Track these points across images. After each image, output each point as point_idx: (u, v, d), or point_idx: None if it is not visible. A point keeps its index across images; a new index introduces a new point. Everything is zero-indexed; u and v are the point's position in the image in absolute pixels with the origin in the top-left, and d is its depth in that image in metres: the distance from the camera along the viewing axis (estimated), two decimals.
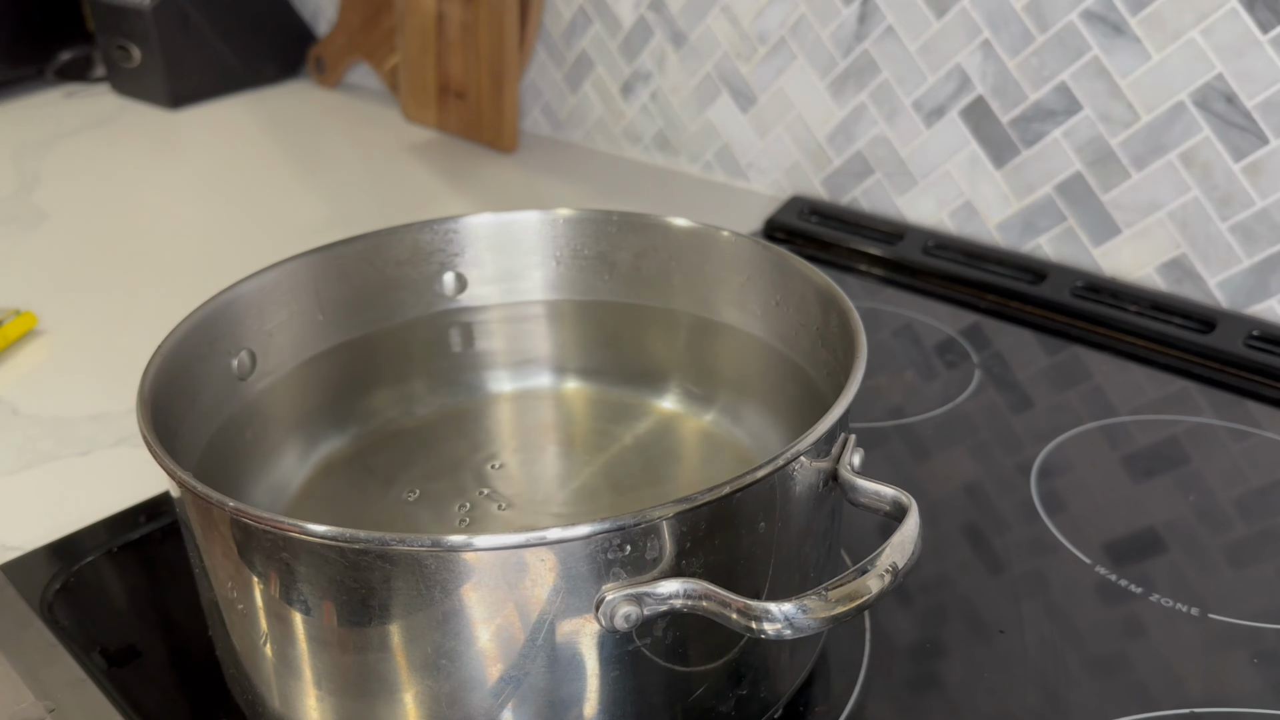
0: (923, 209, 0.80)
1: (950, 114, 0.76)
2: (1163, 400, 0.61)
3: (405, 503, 0.47)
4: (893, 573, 0.33)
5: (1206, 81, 0.64)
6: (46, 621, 0.46)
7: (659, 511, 0.32)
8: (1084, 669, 0.43)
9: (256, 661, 0.37)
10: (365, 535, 0.31)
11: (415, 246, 0.53)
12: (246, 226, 0.86)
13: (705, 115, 0.91)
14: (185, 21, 1.11)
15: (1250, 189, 0.65)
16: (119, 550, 0.50)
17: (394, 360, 0.53)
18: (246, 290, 0.47)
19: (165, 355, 0.41)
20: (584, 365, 0.55)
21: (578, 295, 0.55)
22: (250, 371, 0.48)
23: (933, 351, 0.67)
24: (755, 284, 0.50)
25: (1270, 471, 0.55)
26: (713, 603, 0.32)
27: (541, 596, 0.32)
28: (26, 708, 0.41)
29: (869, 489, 0.36)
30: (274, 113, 1.14)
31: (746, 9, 0.84)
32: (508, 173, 0.96)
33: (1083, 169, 0.71)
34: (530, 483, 0.48)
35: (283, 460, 0.48)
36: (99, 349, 0.69)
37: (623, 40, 0.94)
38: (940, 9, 0.74)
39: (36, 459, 0.58)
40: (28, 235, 0.85)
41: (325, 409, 0.51)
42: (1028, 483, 0.54)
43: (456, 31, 0.99)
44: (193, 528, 0.36)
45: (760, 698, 0.39)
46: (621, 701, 0.35)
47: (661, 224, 0.52)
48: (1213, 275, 0.68)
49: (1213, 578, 0.48)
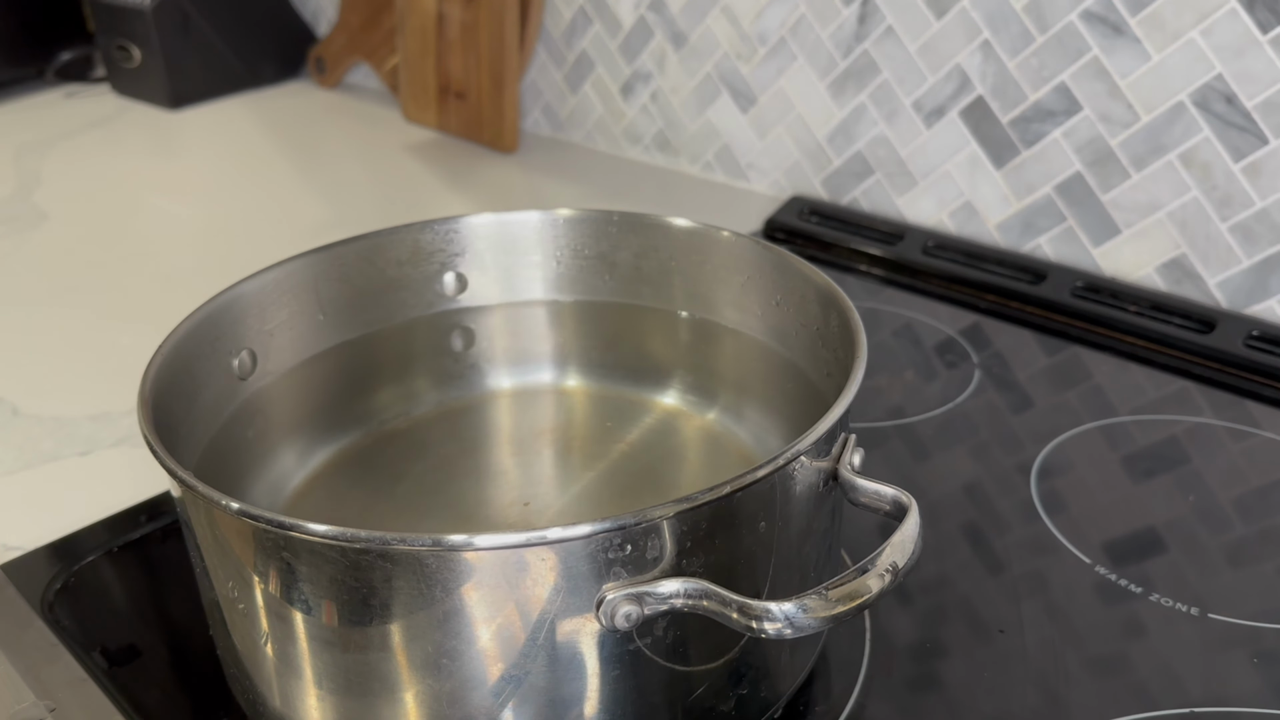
0: (923, 209, 0.80)
1: (950, 114, 0.76)
2: (1163, 400, 0.61)
3: (406, 502, 0.47)
4: (893, 572, 0.33)
5: (1206, 82, 0.64)
6: (47, 621, 0.46)
7: (659, 511, 0.32)
8: (1084, 669, 0.43)
9: (257, 661, 0.37)
10: (366, 534, 0.31)
11: (415, 246, 0.53)
12: (246, 226, 0.86)
13: (705, 115, 0.91)
14: (185, 22, 1.11)
15: (1250, 189, 0.65)
16: (119, 550, 0.50)
17: (394, 360, 0.53)
18: (247, 290, 0.47)
19: (166, 355, 0.41)
20: (584, 365, 0.55)
21: (578, 295, 0.55)
22: (251, 371, 0.48)
23: (933, 351, 0.67)
24: (755, 284, 0.50)
25: (1270, 471, 0.55)
26: (713, 602, 0.32)
27: (542, 596, 0.32)
28: (27, 708, 0.41)
29: (869, 489, 0.36)
30: (274, 113, 1.14)
31: (746, 9, 0.84)
32: (508, 173, 0.96)
33: (1083, 169, 0.71)
34: (530, 482, 0.48)
35: (283, 460, 0.48)
36: (99, 349, 0.69)
37: (623, 40, 0.94)
38: (940, 9, 0.74)
39: (36, 459, 0.58)
40: (28, 235, 0.85)
41: (326, 409, 0.51)
42: (1028, 483, 0.54)
43: (457, 32, 0.99)
44: (193, 527, 0.36)
45: (760, 697, 0.39)
46: (622, 701, 0.35)
47: (661, 224, 0.53)
48: (1212, 275, 0.68)
49: (1213, 578, 0.48)
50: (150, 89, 1.14)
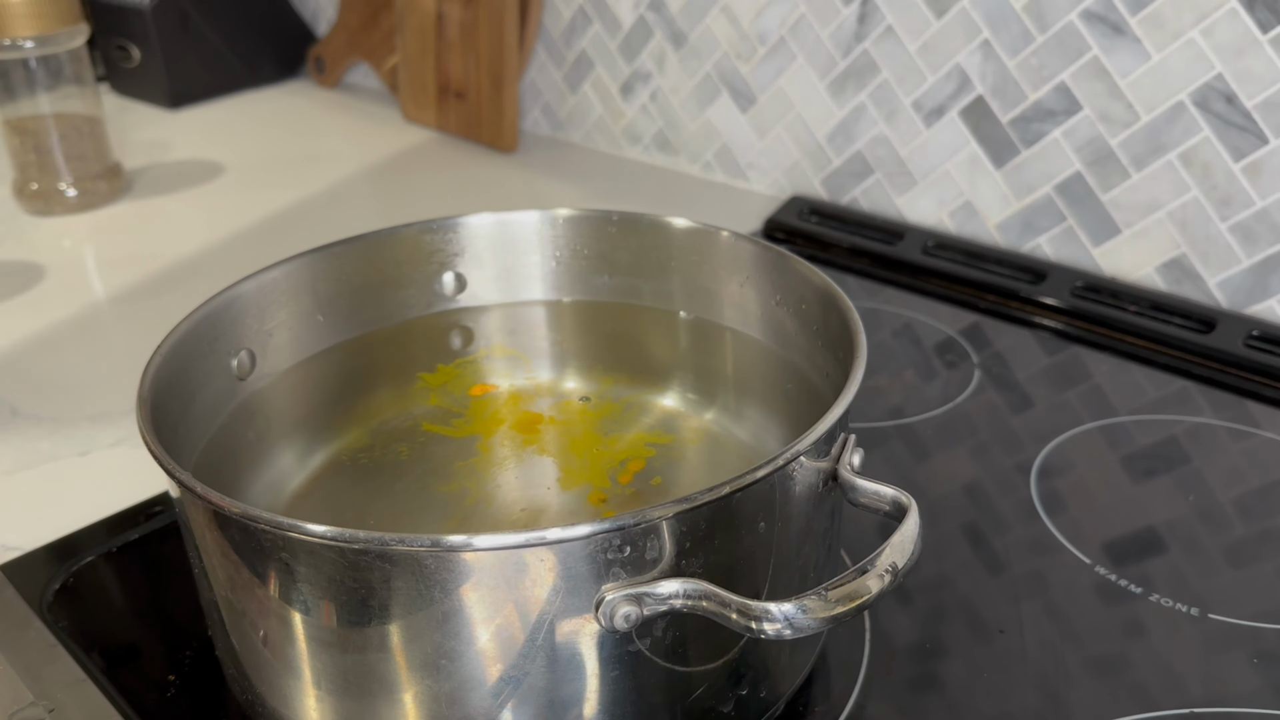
0: (922, 209, 0.80)
1: (950, 114, 0.76)
2: (1163, 400, 0.61)
3: (405, 503, 0.47)
4: (892, 573, 0.33)
5: (1206, 81, 0.64)
6: (46, 621, 0.46)
7: (659, 511, 0.32)
8: (1084, 669, 0.43)
9: (256, 661, 0.37)
10: (365, 535, 0.31)
11: (415, 246, 0.53)
12: (246, 226, 0.86)
13: (705, 115, 0.91)
14: (185, 21, 1.11)
15: (1250, 189, 0.65)
16: (119, 550, 0.50)
17: (394, 360, 0.53)
18: (246, 290, 0.47)
19: (165, 355, 0.41)
20: (583, 365, 0.55)
21: (578, 295, 0.55)
22: (250, 371, 0.48)
23: (932, 351, 0.67)
24: (755, 284, 0.50)
25: (1270, 471, 0.55)
26: (712, 603, 0.32)
27: (541, 596, 0.32)
28: (26, 708, 0.41)
29: (869, 489, 0.36)
30: (274, 113, 1.14)
31: (746, 9, 0.84)
32: (508, 173, 0.96)
33: (1083, 169, 0.71)
34: (529, 483, 0.48)
35: (282, 460, 0.48)
36: (99, 349, 0.69)
37: (622, 40, 0.94)
38: (940, 9, 0.74)
39: (36, 459, 0.58)
40: (28, 235, 0.85)
41: (325, 409, 0.51)
42: (1028, 483, 0.54)
43: (456, 31, 0.99)
44: (192, 528, 0.36)
45: (760, 698, 0.39)
46: (621, 702, 0.35)
47: (661, 224, 0.52)
48: (1212, 275, 0.68)
49: (1212, 578, 0.48)
50: (149, 88, 1.14)
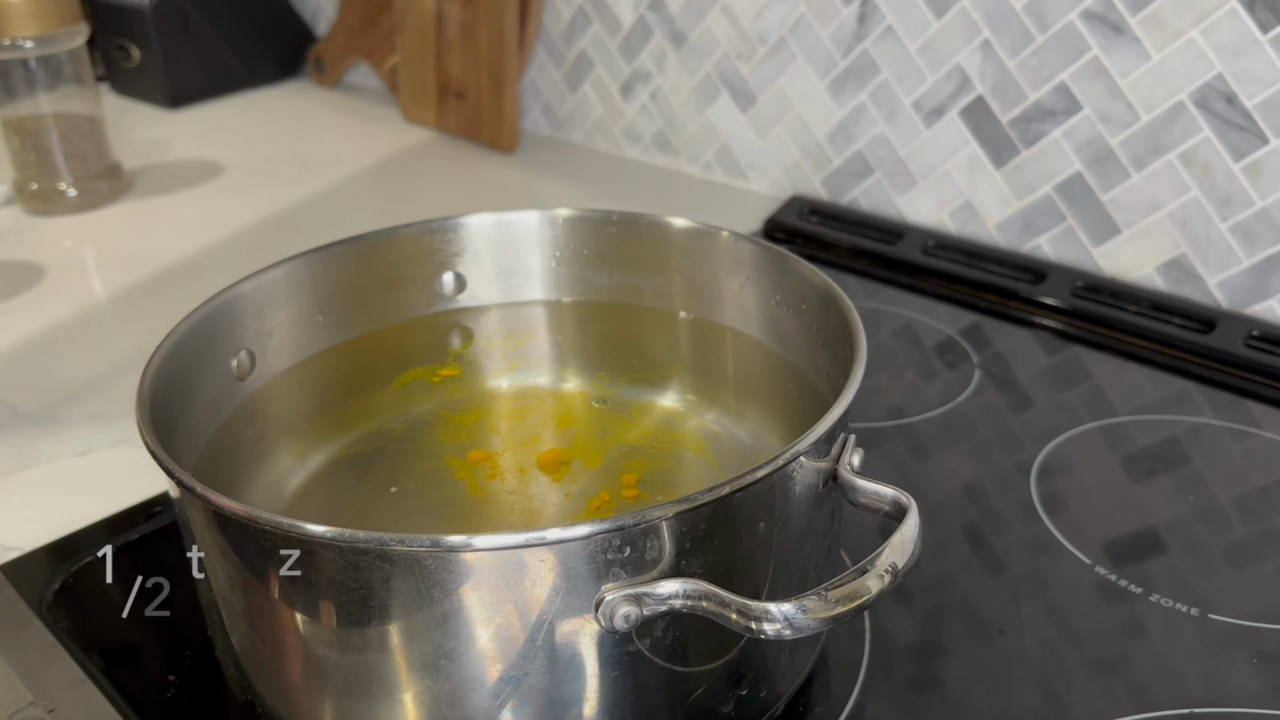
0: (922, 209, 0.80)
1: (950, 114, 0.76)
2: (1163, 400, 0.61)
3: (405, 503, 0.47)
4: (892, 573, 0.33)
5: (1206, 81, 0.64)
6: (46, 622, 0.46)
7: (658, 512, 0.32)
8: (1084, 669, 0.43)
9: (256, 661, 0.37)
10: (364, 535, 0.31)
11: (415, 247, 0.53)
12: (245, 226, 0.86)
13: (705, 115, 0.91)
14: (185, 21, 1.11)
15: (1250, 189, 0.65)
16: (119, 550, 0.50)
17: (394, 360, 0.53)
18: (246, 290, 0.47)
19: (165, 355, 0.41)
20: (583, 365, 0.55)
21: (578, 295, 0.55)
22: (250, 371, 0.48)
23: (932, 351, 0.67)
24: (755, 284, 0.50)
25: (1270, 471, 0.55)
26: (712, 603, 0.32)
27: (541, 597, 0.32)
28: (26, 708, 0.41)
29: (869, 489, 0.36)
30: (274, 113, 1.14)
31: (746, 9, 0.84)
32: (508, 173, 0.96)
33: (1083, 169, 0.71)
34: (529, 483, 0.48)
35: (282, 460, 0.48)
36: (99, 349, 0.69)
37: (622, 40, 0.94)
38: (940, 9, 0.74)
39: (36, 459, 0.58)
40: (28, 235, 0.85)
41: (325, 409, 0.51)
42: (1027, 483, 0.54)
43: (456, 31, 0.99)
44: (191, 528, 0.36)
45: (760, 698, 0.39)
46: (621, 702, 0.35)
47: (661, 224, 0.52)
48: (1212, 275, 0.68)
49: (1212, 578, 0.48)
50: (149, 89, 1.14)
